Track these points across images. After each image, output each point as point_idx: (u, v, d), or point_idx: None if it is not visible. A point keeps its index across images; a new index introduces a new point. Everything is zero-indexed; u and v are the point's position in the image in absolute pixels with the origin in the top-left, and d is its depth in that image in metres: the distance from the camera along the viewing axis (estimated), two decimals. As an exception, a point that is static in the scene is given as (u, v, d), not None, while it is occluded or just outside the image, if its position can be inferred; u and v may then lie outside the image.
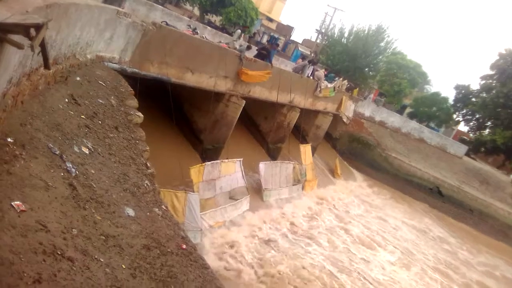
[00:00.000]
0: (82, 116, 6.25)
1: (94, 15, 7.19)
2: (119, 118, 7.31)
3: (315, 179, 20.49)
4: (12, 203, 3.64)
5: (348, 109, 28.03)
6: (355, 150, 29.98)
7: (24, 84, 4.94)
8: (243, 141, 18.61)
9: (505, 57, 38.15)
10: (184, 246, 5.71)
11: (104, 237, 4.45)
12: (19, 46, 3.46)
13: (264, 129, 20.13)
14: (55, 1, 5.32)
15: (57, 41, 5.78)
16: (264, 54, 16.99)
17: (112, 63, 8.73)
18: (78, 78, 6.87)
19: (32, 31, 3.55)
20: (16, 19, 3.42)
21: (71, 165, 5.10)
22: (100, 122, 6.61)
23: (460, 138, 40.65)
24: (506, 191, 29.89)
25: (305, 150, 19.81)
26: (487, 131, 39.56)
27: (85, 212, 4.57)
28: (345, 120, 27.78)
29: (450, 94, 42.38)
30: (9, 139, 4.37)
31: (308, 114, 21.98)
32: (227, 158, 13.86)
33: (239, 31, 17.69)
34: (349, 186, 24.81)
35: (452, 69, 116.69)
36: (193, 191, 11.35)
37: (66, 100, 6.16)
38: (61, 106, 5.91)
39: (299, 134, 21.50)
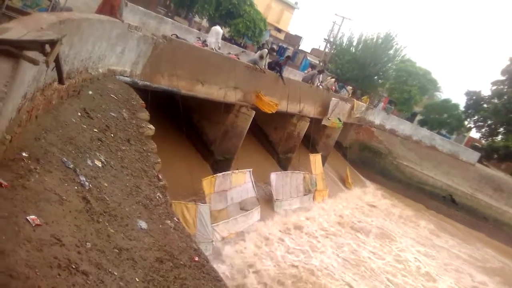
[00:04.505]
0: (95, 130, 6.30)
1: (106, 30, 7.30)
2: (131, 130, 7.36)
3: (326, 189, 20.38)
4: (28, 217, 3.66)
5: (360, 109, 28.10)
6: (366, 159, 29.80)
7: (38, 99, 5.00)
8: (253, 152, 18.61)
9: (516, 62, 37.80)
10: (196, 259, 5.69)
11: (117, 250, 4.45)
12: (35, 62, 3.52)
13: (274, 139, 20.10)
14: (68, 17, 5.41)
15: (70, 56, 5.87)
16: (276, 69, 16.82)
17: (124, 76, 8.83)
18: (90, 92, 6.96)
19: (47, 47, 3.61)
20: (32, 36, 3.48)
21: (84, 179, 5.13)
22: (112, 135, 6.66)
23: (472, 145, 40.09)
24: (522, 198, 29.38)
25: (315, 159, 19.73)
26: (499, 137, 38.97)
27: (98, 226, 4.58)
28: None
29: (461, 101, 41.94)
30: (24, 154, 4.42)
31: (318, 124, 21.94)
32: (237, 169, 13.86)
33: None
34: (362, 197, 24.62)
35: (463, 75, 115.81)
36: (204, 203, 11.35)
37: (79, 114, 6.23)
38: (74, 120, 5.97)
39: (309, 143, 21.44)
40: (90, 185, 5.15)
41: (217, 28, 15.52)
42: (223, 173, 13.01)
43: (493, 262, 22.29)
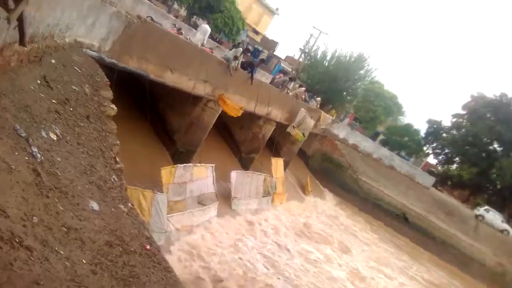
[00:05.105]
0: (53, 101, 5.93)
1: (77, -1, 6.91)
2: (91, 107, 7.00)
3: (285, 193, 20.42)
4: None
5: (326, 121, 28.65)
6: (327, 170, 30.23)
7: (-5, 58, 4.63)
8: (216, 148, 18.37)
9: (476, 99, 40.20)
10: (148, 247, 5.46)
11: (65, 229, 4.19)
12: (-5, 14, 3.21)
13: (239, 139, 19.96)
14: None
15: (36, 18, 5.47)
16: (247, 69, 16.59)
17: (91, 50, 8.40)
18: (53, 61, 6.53)
19: (11, 3, 3.33)
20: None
21: (36, 150, 4.80)
22: (71, 109, 6.30)
23: (429, 169, 41.56)
24: (470, 224, 30.68)
25: (277, 163, 19.73)
26: (454, 166, 41.04)
27: (47, 201, 4.29)
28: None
29: (422, 127, 43.80)
30: (-28, 114, 4.07)
31: (284, 129, 21.98)
32: (199, 162, 13.60)
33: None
34: (319, 205, 24.85)
35: (426, 103, 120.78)
36: (161, 192, 11.01)
37: (38, 81, 5.83)
38: (32, 87, 5.59)
39: (273, 147, 21.44)
40: (42, 158, 4.83)
41: (206, 26, 16.27)
42: (184, 164, 12.73)
43: (443, 283, 23.16)
